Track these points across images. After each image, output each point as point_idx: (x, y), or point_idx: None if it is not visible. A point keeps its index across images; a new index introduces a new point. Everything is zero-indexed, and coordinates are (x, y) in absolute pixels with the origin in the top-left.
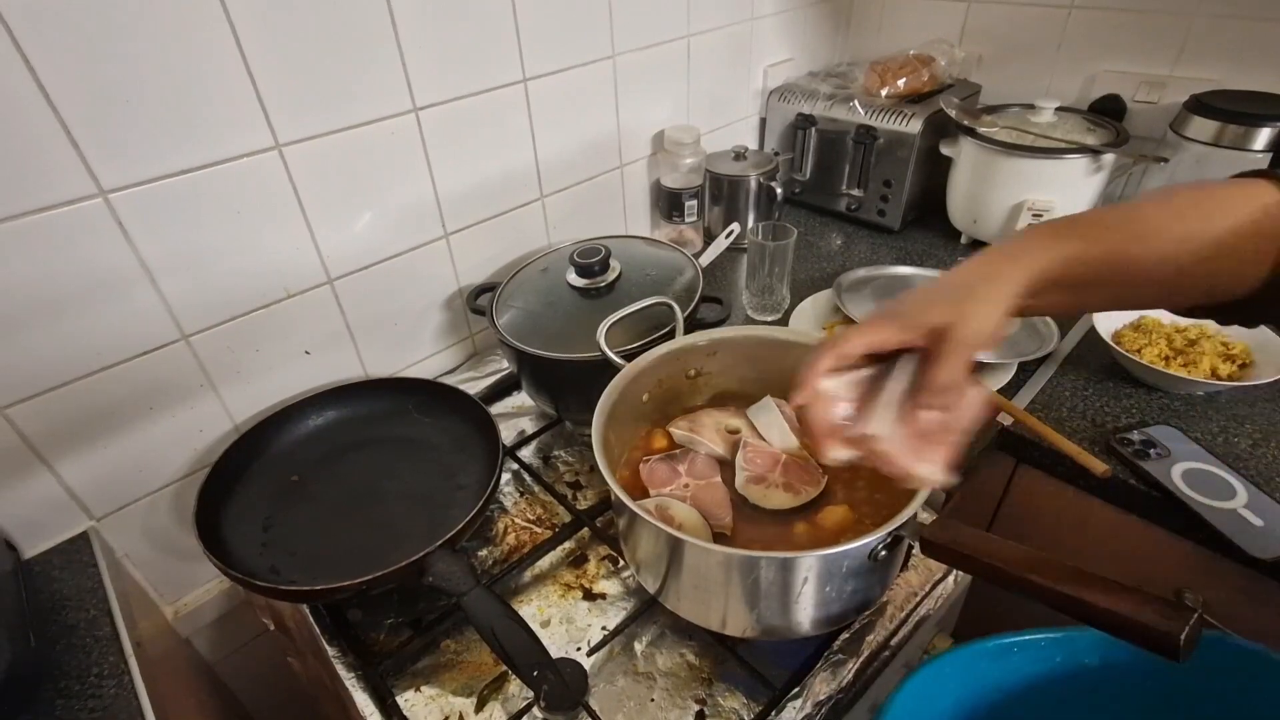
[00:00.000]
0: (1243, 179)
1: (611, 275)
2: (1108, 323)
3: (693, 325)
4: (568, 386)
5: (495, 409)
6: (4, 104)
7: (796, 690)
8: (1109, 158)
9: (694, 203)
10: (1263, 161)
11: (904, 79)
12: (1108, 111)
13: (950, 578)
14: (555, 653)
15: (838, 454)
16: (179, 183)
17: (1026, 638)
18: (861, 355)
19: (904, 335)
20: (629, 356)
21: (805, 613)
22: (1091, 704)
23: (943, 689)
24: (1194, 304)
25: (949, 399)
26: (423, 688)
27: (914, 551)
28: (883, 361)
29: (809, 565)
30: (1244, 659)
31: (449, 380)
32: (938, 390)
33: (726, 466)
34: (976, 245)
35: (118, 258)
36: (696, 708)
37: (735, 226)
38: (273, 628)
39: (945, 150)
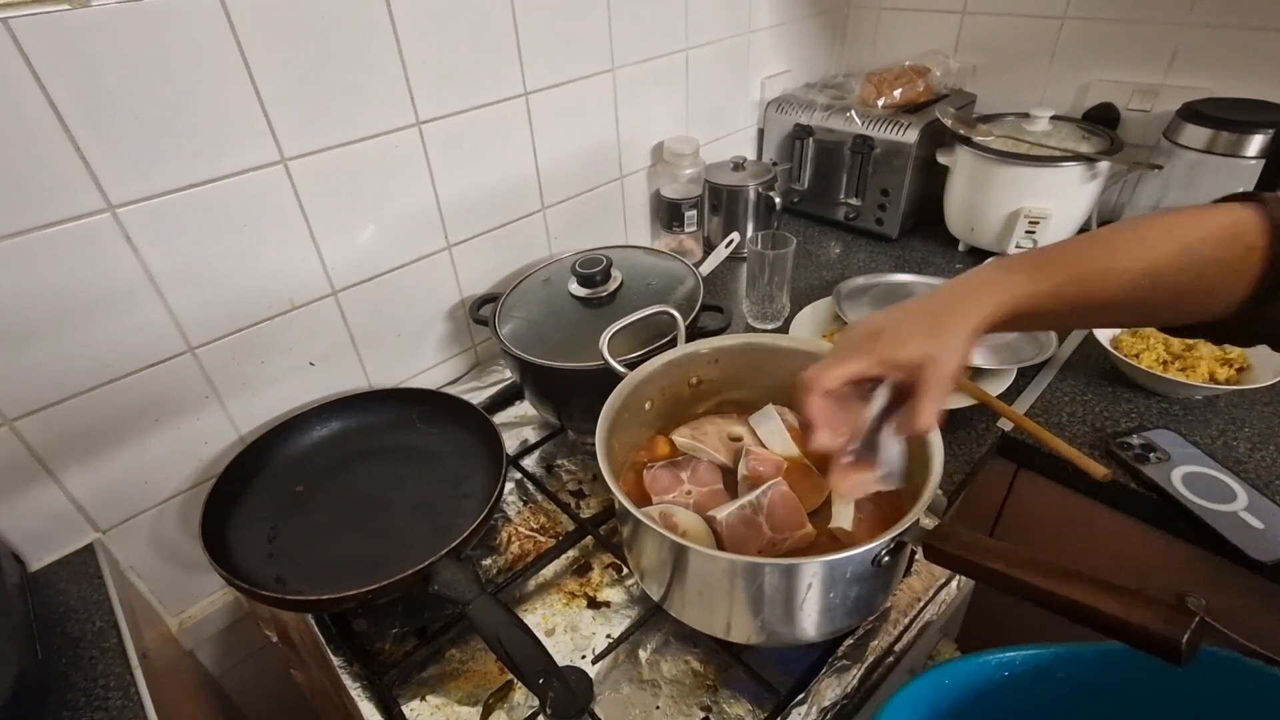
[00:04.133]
0: (1220, 203)
1: (613, 285)
2: (1106, 329)
3: (694, 334)
4: (570, 395)
5: (498, 418)
6: (15, 120)
7: (801, 696)
8: (1104, 165)
9: (693, 213)
10: (1256, 168)
11: (900, 89)
12: (1101, 120)
13: (954, 583)
14: (560, 661)
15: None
16: (186, 197)
17: (1027, 652)
18: (843, 384)
19: (882, 371)
20: (631, 365)
21: (809, 619)
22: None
23: (938, 701)
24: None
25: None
26: (428, 697)
27: (917, 557)
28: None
29: (813, 571)
30: (1248, 677)
31: (452, 390)
32: (920, 426)
33: (729, 474)
34: (974, 253)
35: (125, 271)
36: (702, 715)
37: (735, 235)
38: (276, 640)
39: (942, 159)
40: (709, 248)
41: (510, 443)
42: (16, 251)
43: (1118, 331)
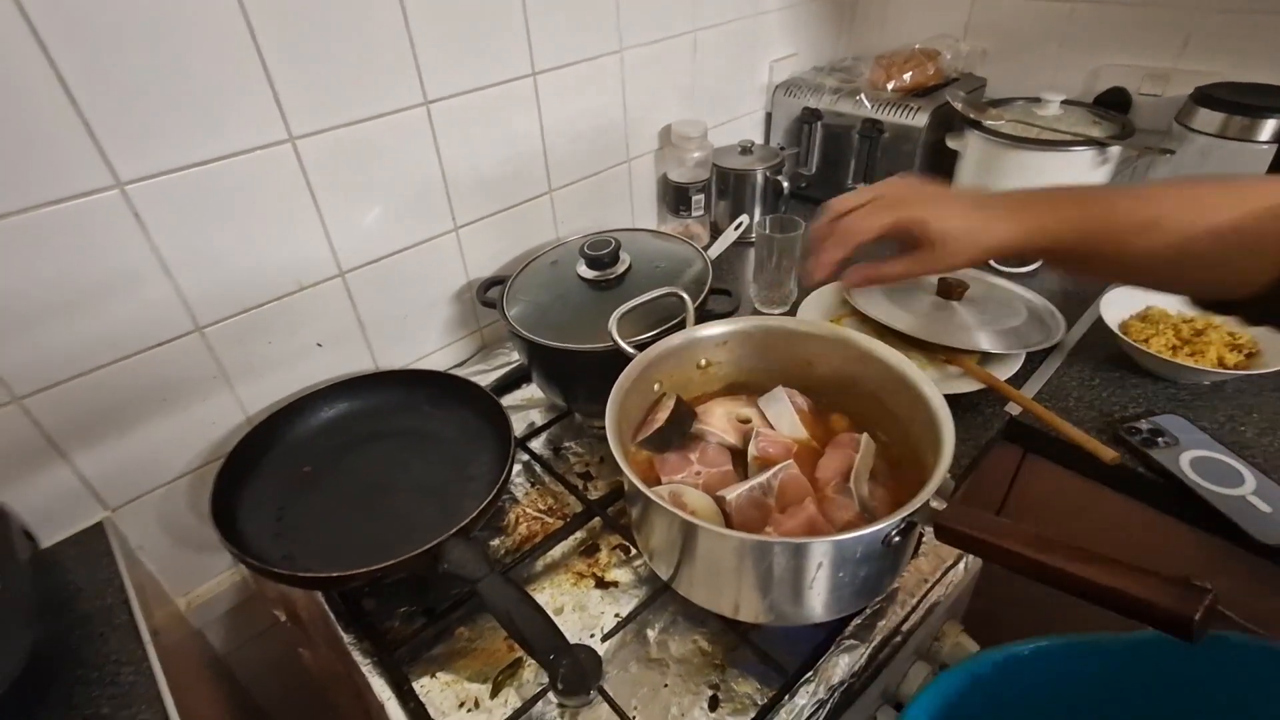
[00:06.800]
0: (1269, 175)
1: (621, 267)
2: (1115, 313)
3: (703, 316)
4: (578, 378)
5: (505, 401)
6: (23, 94)
7: (809, 675)
8: (1115, 150)
9: (700, 197)
10: (1269, 152)
11: (909, 73)
12: (1113, 104)
13: (961, 564)
14: (568, 640)
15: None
16: (194, 175)
17: (1056, 642)
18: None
19: (902, 231)
20: (640, 347)
21: (818, 598)
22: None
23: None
24: (1201, 296)
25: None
26: (438, 674)
27: (926, 538)
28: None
29: (823, 551)
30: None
31: (459, 373)
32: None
33: (738, 455)
34: None
35: (133, 249)
36: (709, 693)
37: (744, 219)
38: (284, 619)
39: (951, 143)
40: (715, 233)
41: (517, 425)
42: (25, 228)
43: (1126, 316)
